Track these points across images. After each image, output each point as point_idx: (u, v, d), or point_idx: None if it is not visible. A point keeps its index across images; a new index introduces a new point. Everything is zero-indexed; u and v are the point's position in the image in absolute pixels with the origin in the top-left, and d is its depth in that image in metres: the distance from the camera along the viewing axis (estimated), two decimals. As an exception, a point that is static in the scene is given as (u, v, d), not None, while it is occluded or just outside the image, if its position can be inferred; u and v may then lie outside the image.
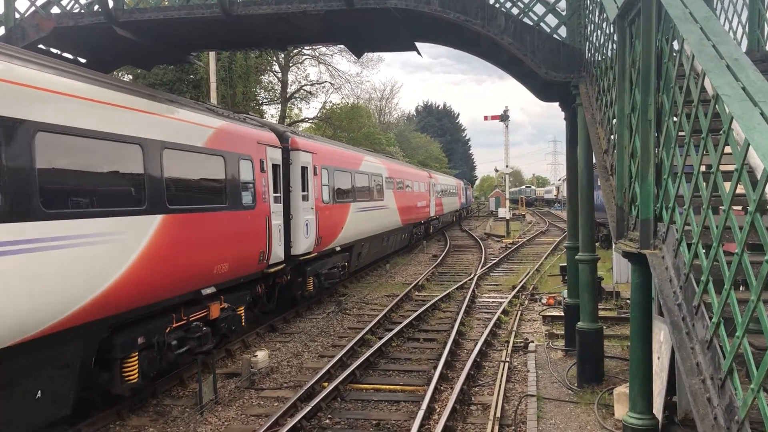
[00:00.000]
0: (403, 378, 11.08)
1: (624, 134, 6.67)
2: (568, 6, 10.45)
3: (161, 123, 9.35)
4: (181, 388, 10.59)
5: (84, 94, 7.78)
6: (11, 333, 6.53)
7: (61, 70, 7.74)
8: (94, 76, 8.45)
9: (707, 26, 4.62)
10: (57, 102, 7.29)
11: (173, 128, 9.66)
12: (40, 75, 7.16)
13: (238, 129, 12.18)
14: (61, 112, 7.30)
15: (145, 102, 9.15)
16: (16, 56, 7.13)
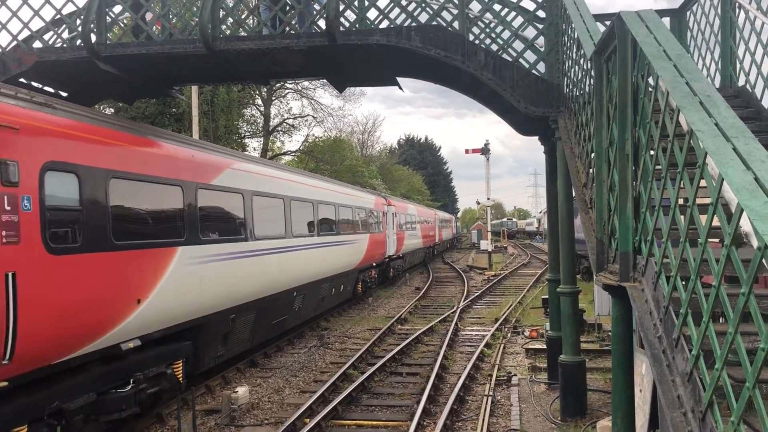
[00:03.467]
0: (386, 413, 10.96)
1: (602, 168, 6.76)
2: (546, 42, 10.66)
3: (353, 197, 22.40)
4: (159, 425, 10.39)
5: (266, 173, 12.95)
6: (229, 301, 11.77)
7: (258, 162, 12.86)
8: (275, 165, 16.32)
9: (680, 63, 4.74)
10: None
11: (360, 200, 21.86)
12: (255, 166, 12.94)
13: (377, 200, 28.72)
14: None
15: (368, 193, 23.05)
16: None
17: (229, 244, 12.39)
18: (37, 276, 7.36)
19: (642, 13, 5.79)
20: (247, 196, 13.33)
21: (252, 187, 13.69)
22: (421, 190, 78.24)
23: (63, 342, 7.90)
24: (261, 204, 14.09)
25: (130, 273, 9.13)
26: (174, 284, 10.17)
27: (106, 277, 8.63)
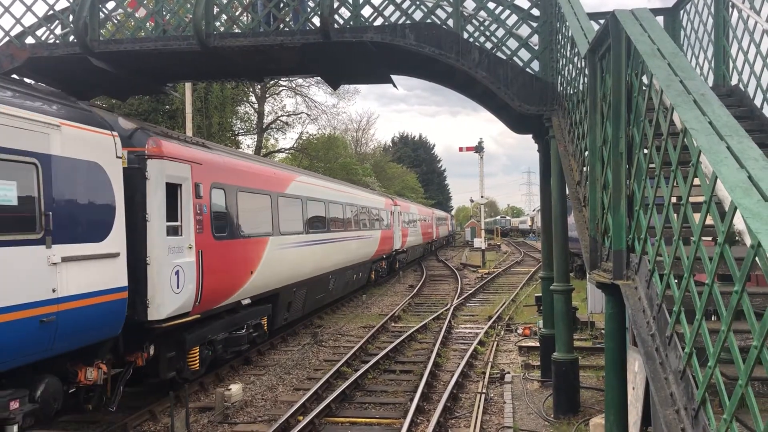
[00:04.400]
0: (379, 411, 10.96)
1: (596, 166, 6.77)
2: (540, 41, 10.67)
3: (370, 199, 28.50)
4: (152, 423, 10.36)
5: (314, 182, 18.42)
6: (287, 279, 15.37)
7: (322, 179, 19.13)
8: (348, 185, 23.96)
9: (674, 62, 4.76)
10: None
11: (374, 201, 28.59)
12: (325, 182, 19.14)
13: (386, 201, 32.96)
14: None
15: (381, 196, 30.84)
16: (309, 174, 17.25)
17: (295, 236, 16.73)
18: (210, 252, 11.55)
19: (636, 12, 5.81)
20: (303, 201, 17.87)
21: (306, 193, 18.26)
22: (415, 188, 78.29)
23: (219, 294, 12.06)
24: (311, 206, 18.61)
25: (248, 253, 13.48)
26: (267, 263, 14.37)
27: (239, 255, 12.96)
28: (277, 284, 15.18)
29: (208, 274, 11.28)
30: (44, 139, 7.77)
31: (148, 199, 9.88)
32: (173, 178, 10.49)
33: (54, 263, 7.70)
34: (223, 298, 12.25)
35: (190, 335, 11.09)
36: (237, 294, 12.81)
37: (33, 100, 8.12)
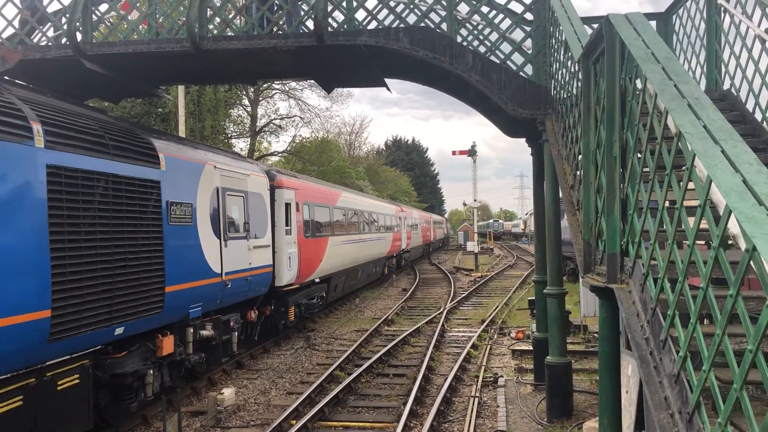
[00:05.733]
0: (372, 414, 10.94)
1: (590, 170, 6.78)
2: (534, 45, 10.69)
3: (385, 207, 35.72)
4: (144, 427, 10.31)
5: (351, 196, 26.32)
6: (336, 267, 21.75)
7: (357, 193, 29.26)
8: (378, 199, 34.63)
9: (668, 66, 4.76)
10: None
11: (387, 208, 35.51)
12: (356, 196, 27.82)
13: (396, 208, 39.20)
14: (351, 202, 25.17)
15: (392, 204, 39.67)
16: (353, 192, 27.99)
17: (342, 237, 23.10)
18: (303, 246, 17.72)
19: (630, 16, 5.82)
20: (346, 211, 24.50)
21: (348, 205, 25.02)
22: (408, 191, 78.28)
23: (306, 273, 18.15)
24: (350, 214, 25.24)
25: (319, 248, 19.68)
26: (328, 255, 20.56)
27: (316, 249, 19.20)
28: (331, 270, 21.44)
29: (302, 260, 17.67)
30: (244, 183, 13.85)
31: (276, 213, 16.07)
32: (287, 200, 16.66)
33: (249, 249, 13.74)
34: (308, 276, 18.55)
35: (291, 298, 17.20)
36: (313, 274, 19.15)
37: (236, 158, 14.82)
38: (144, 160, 9.69)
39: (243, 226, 13.42)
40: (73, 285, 7.76)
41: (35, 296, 7.08)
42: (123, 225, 8.89)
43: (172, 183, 10.39)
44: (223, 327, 12.60)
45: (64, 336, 7.60)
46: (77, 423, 8.13)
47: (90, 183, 8.25)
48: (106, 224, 8.49)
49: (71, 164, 7.94)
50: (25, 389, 7.23)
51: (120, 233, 8.79)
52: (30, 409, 7.28)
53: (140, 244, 9.30)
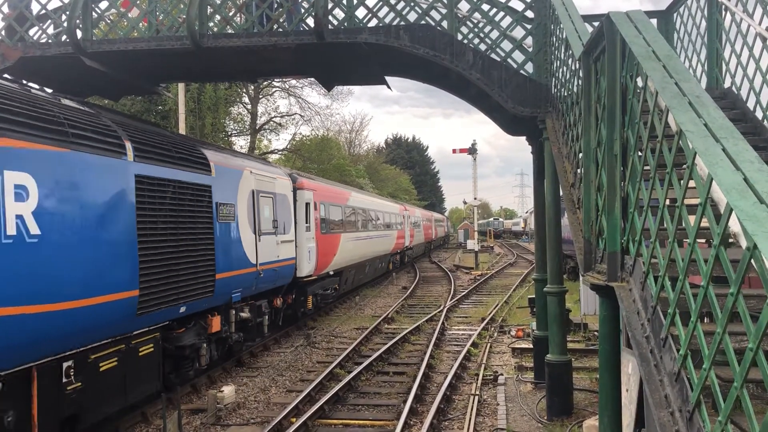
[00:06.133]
0: (372, 412, 10.94)
1: (590, 168, 6.77)
2: (534, 43, 10.68)
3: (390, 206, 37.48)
4: (144, 425, 10.32)
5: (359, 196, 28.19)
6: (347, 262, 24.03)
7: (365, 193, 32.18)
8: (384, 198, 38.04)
9: (670, 64, 4.76)
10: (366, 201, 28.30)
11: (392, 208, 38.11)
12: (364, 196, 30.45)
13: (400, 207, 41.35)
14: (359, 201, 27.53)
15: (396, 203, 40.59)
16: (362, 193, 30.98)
17: (352, 233, 25.07)
18: (320, 241, 19.46)
19: (631, 14, 5.81)
20: (355, 209, 26.36)
21: (357, 204, 26.87)
22: (408, 189, 78.25)
23: (322, 266, 19.86)
24: (359, 213, 27.01)
25: (333, 243, 21.68)
26: (341, 250, 22.59)
27: (330, 244, 21.08)
28: (343, 264, 23.40)
29: (319, 254, 19.50)
30: (273, 185, 15.73)
31: (297, 212, 17.90)
32: (307, 200, 18.55)
33: (277, 243, 15.55)
34: (324, 268, 20.36)
35: (310, 288, 19.05)
36: (328, 267, 20.93)
37: (265, 164, 17.10)
38: (199, 169, 11.49)
39: (272, 223, 15.27)
40: (152, 270, 9.53)
41: (129, 279, 8.95)
42: (185, 222, 10.69)
43: (219, 187, 12.21)
44: (257, 311, 14.79)
45: (147, 311, 9.39)
46: (150, 384, 10.09)
47: (163, 188, 10.01)
48: (174, 221, 10.31)
49: (151, 173, 9.70)
50: (119, 353, 9.14)
51: (183, 229, 10.59)
52: (121, 368, 9.18)
53: (197, 238, 11.11)
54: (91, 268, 8.11)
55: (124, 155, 9.07)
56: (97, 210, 8.37)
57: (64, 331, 7.61)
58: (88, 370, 8.41)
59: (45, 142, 7.41)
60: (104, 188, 8.55)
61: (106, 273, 8.41)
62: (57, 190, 7.58)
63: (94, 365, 8.55)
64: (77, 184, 7.97)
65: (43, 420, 7.44)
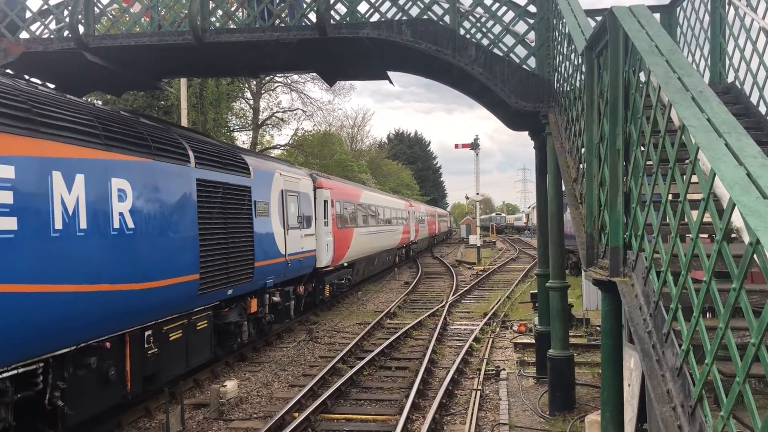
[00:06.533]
0: (374, 407, 10.96)
1: (593, 163, 6.77)
2: (537, 37, 10.65)
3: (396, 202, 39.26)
4: (147, 419, 10.34)
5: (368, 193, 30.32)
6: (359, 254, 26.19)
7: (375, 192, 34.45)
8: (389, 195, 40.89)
9: (672, 59, 4.74)
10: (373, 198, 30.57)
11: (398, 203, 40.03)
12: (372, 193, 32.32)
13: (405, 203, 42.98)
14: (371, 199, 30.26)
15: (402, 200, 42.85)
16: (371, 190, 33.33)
17: (363, 228, 26.98)
18: (336, 235, 21.49)
19: (634, 8, 5.79)
20: (366, 206, 28.19)
21: (367, 201, 28.83)
22: (411, 184, 78.22)
23: (338, 258, 21.68)
24: (369, 209, 29.00)
25: (347, 237, 23.41)
26: (354, 244, 24.43)
27: (345, 238, 22.78)
28: (356, 257, 25.29)
29: (336, 247, 21.33)
30: (297, 185, 17.47)
31: (316, 209, 19.60)
32: (325, 198, 20.51)
33: (302, 237, 17.37)
34: (339, 260, 22.23)
35: (327, 277, 21.07)
36: (342, 259, 22.73)
37: (291, 166, 18.84)
38: (241, 172, 13.28)
39: (298, 219, 17.14)
40: (209, 258, 11.26)
41: (192, 264, 10.68)
42: (231, 218, 12.43)
43: (256, 187, 13.99)
44: (285, 296, 16.78)
45: (204, 292, 11.19)
46: (204, 353, 11.99)
47: (215, 190, 11.80)
48: (223, 217, 12.05)
49: (207, 177, 11.52)
50: (183, 326, 10.90)
51: (230, 223, 12.35)
52: (184, 339, 10.98)
53: (240, 231, 12.89)
54: (167, 255, 9.89)
55: (188, 163, 10.87)
56: (171, 208, 10.16)
57: (147, 305, 9.37)
58: (162, 339, 10.17)
59: (136, 155, 9.23)
60: (175, 190, 10.33)
61: (177, 259, 10.20)
62: (144, 193, 9.34)
63: (166, 335, 10.33)
64: (157, 188, 9.77)
65: (132, 376, 9.30)
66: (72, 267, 7.58)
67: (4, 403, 6.98)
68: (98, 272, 8.06)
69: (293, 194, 16.87)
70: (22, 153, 6.95)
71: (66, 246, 7.50)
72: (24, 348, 7.00)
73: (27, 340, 6.97)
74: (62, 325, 7.46)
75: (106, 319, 8.34)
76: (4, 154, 6.70)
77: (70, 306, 7.52)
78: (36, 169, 7.13)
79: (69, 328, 7.66)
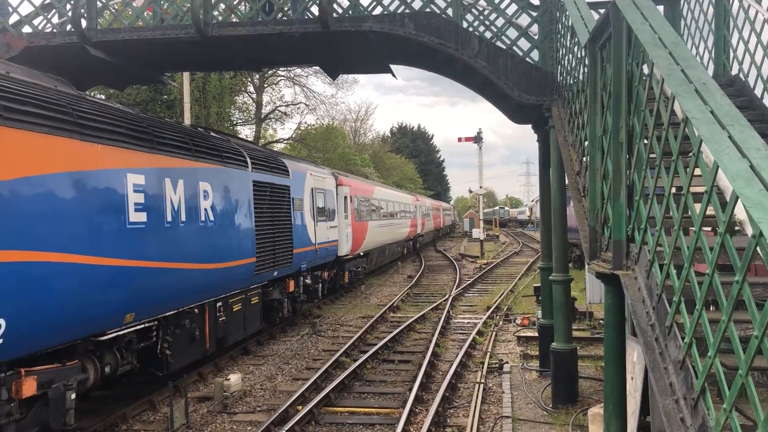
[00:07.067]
0: (378, 400, 10.99)
1: (596, 156, 6.76)
2: (540, 30, 10.62)
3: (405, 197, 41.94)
4: (152, 413, 10.39)
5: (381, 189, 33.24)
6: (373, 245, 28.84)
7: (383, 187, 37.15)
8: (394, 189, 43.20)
9: (676, 51, 4.73)
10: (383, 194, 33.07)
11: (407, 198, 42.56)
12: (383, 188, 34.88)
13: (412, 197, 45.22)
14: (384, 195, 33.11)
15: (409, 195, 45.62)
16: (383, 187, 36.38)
17: (377, 221, 29.44)
18: (355, 227, 24.22)
19: (637, 1, 5.77)
20: (379, 200, 30.69)
21: (380, 196, 31.42)
22: (414, 178, 78.15)
23: (356, 248, 24.28)
24: (381, 203, 31.43)
25: (363, 229, 25.98)
26: (369, 235, 26.79)
27: (362, 230, 25.66)
28: (370, 247, 27.78)
29: (354, 237, 23.76)
30: (323, 183, 19.87)
31: (337, 203, 21.92)
32: (345, 194, 23.05)
33: (327, 228, 19.70)
34: (356, 250, 24.68)
35: (346, 264, 23.49)
36: (359, 249, 25.22)
37: (318, 167, 21.42)
38: (283, 174, 15.95)
39: (324, 213, 19.67)
40: (261, 244, 13.74)
41: (252, 249, 13.24)
42: (276, 212, 14.97)
43: (294, 186, 16.67)
44: (315, 279, 19.12)
45: (259, 273, 13.71)
46: (255, 324, 14.38)
47: (265, 189, 14.28)
48: (270, 211, 14.57)
49: (260, 179, 14.03)
50: (242, 300, 13.29)
51: (275, 216, 14.91)
52: (243, 310, 13.42)
53: (282, 223, 15.47)
54: (234, 241, 12.38)
55: (247, 167, 13.33)
56: (236, 204, 12.62)
57: (221, 281, 11.86)
58: (228, 309, 12.58)
59: (213, 162, 11.69)
60: (239, 190, 12.77)
61: (241, 245, 12.69)
62: (219, 192, 11.78)
63: (231, 306, 12.68)
64: (228, 188, 12.19)
65: (210, 337, 11.82)
66: (177, 250, 10.04)
67: (131, 350, 9.39)
68: (192, 254, 10.56)
69: (320, 191, 19.50)
70: (148, 166, 9.35)
71: (173, 234, 10.00)
72: (149, 309, 9.41)
73: (151, 303, 9.39)
74: (170, 293, 9.95)
75: (196, 290, 10.89)
76: (138, 167, 9.07)
77: (176, 279, 9.99)
78: (156, 177, 9.57)
79: (174, 296, 10.13)
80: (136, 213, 8.90)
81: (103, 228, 8.20)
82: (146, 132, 9.47)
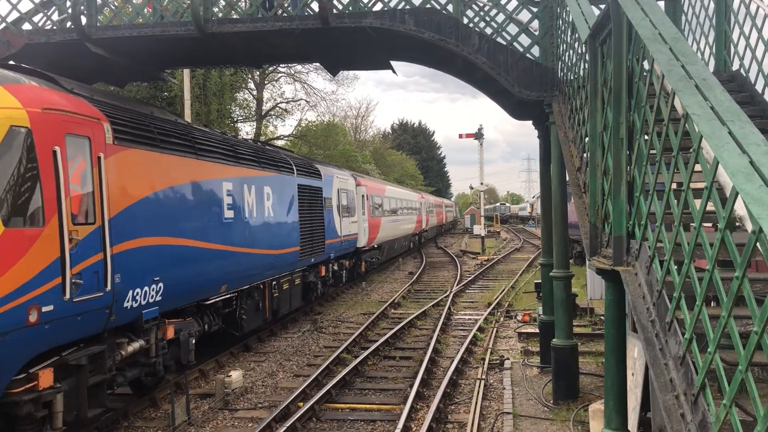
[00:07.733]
0: (379, 397, 11.01)
1: (596, 152, 6.74)
2: (540, 26, 10.60)
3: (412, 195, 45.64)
4: (153, 410, 10.40)
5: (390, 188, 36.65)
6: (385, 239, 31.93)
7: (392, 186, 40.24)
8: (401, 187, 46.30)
9: (676, 47, 4.71)
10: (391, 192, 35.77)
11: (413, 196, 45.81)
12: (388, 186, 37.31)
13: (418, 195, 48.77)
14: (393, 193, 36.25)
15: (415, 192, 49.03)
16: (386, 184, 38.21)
17: (388, 217, 32.11)
18: (370, 222, 27.46)
19: (638, -4, 5.74)
20: (389, 198, 33.36)
21: (391, 194, 34.26)
22: (415, 175, 78.08)
23: (371, 240, 27.51)
24: (392, 201, 34.19)
25: (377, 224, 29.00)
26: (382, 229, 30.08)
27: (375, 225, 28.51)
28: (383, 240, 30.66)
29: (370, 231, 26.73)
30: (346, 183, 23.75)
31: (356, 201, 24.92)
32: (362, 193, 26.08)
33: (350, 223, 23.36)
34: (372, 242, 27.46)
35: (363, 255, 26.46)
36: (374, 242, 28.07)
37: (342, 170, 25.85)
38: (316, 177, 19.13)
39: (347, 209, 22.93)
40: (303, 236, 17.10)
41: (297, 240, 16.45)
42: (312, 209, 18.04)
43: (325, 187, 19.85)
44: (340, 266, 22.35)
45: (302, 259, 16.93)
46: (297, 300, 17.42)
47: (305, 190, 17.43)
48: (309, 208, 17.69)
49: (302, 182, 17.31)
50: (288, 280, 16.32)
51: (312, 213, 17.97)
52: (289, 289, 16.42)
53: (317, 218, 18.61)
54: (286, 233, 15.62)
55: (293, 173, 16.67)
56: (287, 203, 15.88)
57: (277, 264, 15.04)
58: (279, 287, 15.62)
59: (271, 170, 14.83)
60: (288, 192, 16.05)
61: (290, 236, 15.94)
62: (276, 194, 14.91)
63: (281, 285, 15.71)
64: (282, 191, 15.48)
65: (269, 309, 14.96)
66: (251, 238, 13.13)
67: (219, 314, 12.38)
68: (260, 242, 13.60)
69: (344, 191, 23.00)
70: (234, 175, 12.48)
71: (249, 226, 13.10)
72: (234, 282, 12.49)
73: (236, 278, 12.53)
74: (247, 271, 13.09)
75: (262, 270, 13.99)
76: (229, 176, 12.18)
77: (251, 260, 13.13)
78: (239, 184, 12.66)
79: (249, 274, 13.27)
80: (228, 210, 12.02)
81: (211, 222, 11.31)
82: (233, 149, 12.87)
